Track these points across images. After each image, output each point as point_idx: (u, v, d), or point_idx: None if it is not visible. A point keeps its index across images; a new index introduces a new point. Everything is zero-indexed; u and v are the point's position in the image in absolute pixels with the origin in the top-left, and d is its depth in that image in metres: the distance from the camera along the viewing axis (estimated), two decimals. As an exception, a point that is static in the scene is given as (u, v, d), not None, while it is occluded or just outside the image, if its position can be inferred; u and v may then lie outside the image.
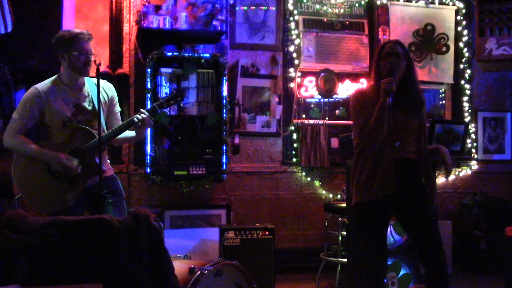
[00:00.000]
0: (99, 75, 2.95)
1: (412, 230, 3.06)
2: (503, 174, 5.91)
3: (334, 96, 5.42)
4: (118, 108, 3.27)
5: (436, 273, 2.95)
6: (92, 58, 3.03)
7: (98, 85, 2.96)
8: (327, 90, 5.32)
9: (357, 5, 5.56)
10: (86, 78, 3.17)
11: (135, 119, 3.05)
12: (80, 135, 3.02)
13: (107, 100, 3.18)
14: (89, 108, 3.12)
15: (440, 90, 5.97)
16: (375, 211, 2.98)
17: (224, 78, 4.77)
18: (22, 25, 4.26)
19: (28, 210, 2.90)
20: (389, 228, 3.85)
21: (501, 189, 5.85)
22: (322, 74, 5.31)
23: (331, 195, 5.40)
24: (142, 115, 3.06)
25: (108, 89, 3.23)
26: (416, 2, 5.68)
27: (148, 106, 4.51)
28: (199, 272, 2.98)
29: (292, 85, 5.33)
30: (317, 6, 5.45)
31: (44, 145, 3.03)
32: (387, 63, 2.95)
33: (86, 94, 3.13)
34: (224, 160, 4.75)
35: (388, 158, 2.93)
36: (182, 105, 4.66)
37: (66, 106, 3.05)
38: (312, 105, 5.47)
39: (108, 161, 3.30)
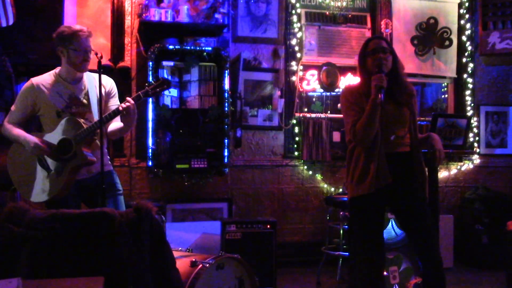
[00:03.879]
0: (101, 68, 2.95)
1: (406, 224, 3.07)
2: (505, 168, 5.90)
3: (336, 90, 5.41)
4: (116, 102, 3.27)
5: (431, 267, 2.95)
6: (91, 55, 3.07)
7: (99, 78, 2.97)
8: (329, 83, 5.30)
9: (359, -2, 5.55)
10: (85, 73, 3.19)
11: (120, 107, 3.05)
12: (69, 125, 3.05)
13: (104, 94, 3.19)
14: (84, 101, 3.14)
15: (443, 84, 5.95)
16: (370, 205, 2.99)
17: (226, 71, 4.76)
18: (24, 18, 4.25)
19: (29, 203, 2.91)
20: (390, 223, 3.87)
21: (503, 183, 5.84)
22: (324, 67, 5.30)
23: (332, 189, 5.40)
24: (126, 103, 3.05)
25: (106, 83, 3.25)
26: (419, -5, 5.66)
27: (150, 99, 4.52)
28: (201, 265, 2.98)
29: (294, 78, 5.32)
30: (320, -1, 5.44)
31: (36, 135, 3.09)
32: (375, 59, 2.97)
33: (83, 87, 3.17)
34: (226, 153, 4.75)
35: (381, 152, 2.93)
36: (169, 92, 4.62)
37: (60, 98, 3.09)
38: (314, 99, 5.46)
39: (107, 156, 3.30)
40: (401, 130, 3.02)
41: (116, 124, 3.22)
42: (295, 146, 5.36)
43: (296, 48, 5.33)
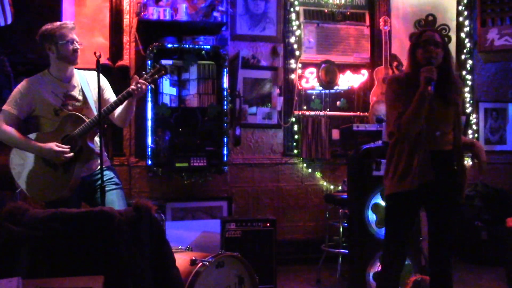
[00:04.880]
0: (99, 67, 2.95)
1: (433, 222, 3.03)
2: (504, 165, 5.91)
3: (335, 88, 5.41)
4: (111, 93, 3.26)
5: (439, 272, 2.97)
6: (79, 46, 3.08)
7: (98, 77, 2.98)
8: (328, 81, 5.30)
9: (358, -5, 5.55)
10: (75, 71, 3.20)
11: (130, 89, 3.05)
12: (70, 122, 3.05)
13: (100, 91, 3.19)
14: (80, 97, 3.15)
15: (442, 81, 5.94)
16: (407, 203, 2.94)
17: (225, 69, 4.76)
18: (22, 17, 4.25)
19: (29, 203, 2.91)
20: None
21: (503, 179, 5.84)
22: (323, 65, 5.30)
23: (332, 187, 5.40)
24: (137, 85, 3.05)
25: (95, 78, 3.22)
26: (418, -8, 5.65)
27: (148, 98, 4.53)
28: (201, 263, 2.98)
29: (293, 76, 5.32)
30: (318, -3, 5.43)
31: (38, 137, 3.07)
32: (425, 51, 2.88)
33: (76, 84, 3.17)
34: (225, 152, 4.75)
35: (425, 149, 2.87)
36: (167, 79, 4.61)
37: (55, 96, 3.09)
38: (313, 97, 5.46)
39: (105, 153, 3.31)
40: (446, 127, 2.95)
41: (118, 109, 3.19)
42: (294, 144, 5.36)
43: (295, 46, 5.32)
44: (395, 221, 3.01)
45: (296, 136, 5.35)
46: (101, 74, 3.26)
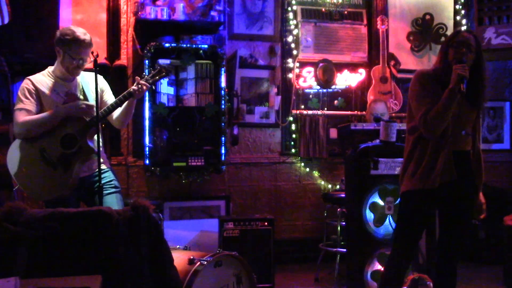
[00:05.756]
0: (97, 67, 2.96)
1: (445, 221, 3.02)
2: (502, 164, 5.92)
3: (333, 87, 5.41)
4: (110, 95, 3.28)
5: (446, 273, 2.97)
6: (86, 64, 3.09)
7: (96, 77, 2.99)
8: (325, 80, 5.31)
9: (355, -6, 5.55)
10: None
11: (132, 89, 3.09)
12: (71, 121, 3.06)
13: (99, 90, 3.20)
14: (81, 97, 3.18)
15: (439, 80, 5.95)
16: (426, 201, 2.92)
17: (223, 69, 4.76)
18: (19, 16, 4.23)
19: (27, 202, 2.90)
20: (387, 218, 3.87)
21: (500, 178, 5.86)
22: (320, 64, 5.30)
23: (330, 186, 5.40)
24: (138, 85, 3.09)
25: (98, 80, 3.24)
26: (415, -9, 5.66)
27: (146, 98, 4.53)
28: (199, 263, 2.98)
29: (290, 75, 5.32)
30: (315, -4, 5.44)
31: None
32: (457, 52, 2.84)
33: (77, 84, 3.20)
34: (223, 151, 4.75)
35: (449, 148, 2.85)
36: (166, 78, 4.61)
37: (57, 95, 3.11)
38: (310, 96, 5.46)
39: (104, 154, 3.31)
40: (469, 128, 2.94)
41: (117, 111, 3.22)
42: (292, 143, 5.36)
43: (292, 45, 5.33)
44: (410, 219, 2.98)
45: (294, 135, 5.35)
46: (102, 77, 3.28)
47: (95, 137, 3.13)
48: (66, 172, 3.03)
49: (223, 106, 4.75)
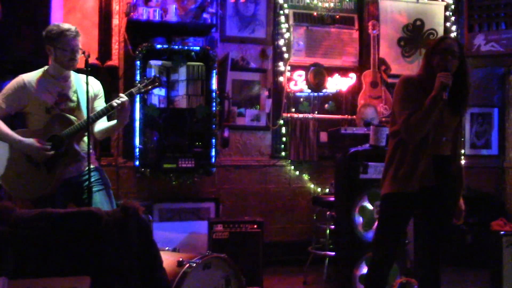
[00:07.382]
0: (88, 67, 2.95)
1: (425, 225, 3.04)
2: (490, 169, 5.97)
3: (324, 90, 5.43)
4: (102, 103, 3.28)
5: (428, 276, 3.01)
6: (79, 54, 3.07)
7: (87, 78, 2.98)
8: (316, 84, 5.33)
9: (347, -1, 5.58)
10: (72, 73, 3.22)
11: (114, 103, 3.08)
12: (58, 122, 3.06)
13: (92, 94, 3.20)
14: (74, 98, 3.17)
15: (429, 85, 6.00)
16: (405, 204, 2.95)
17: (214, 71, 4.76)
18: (10, 15, 4.21)
19: (15, 202, 2.89)
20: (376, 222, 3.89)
21: (488, 184, 5.90)
22: (311, 68, 5.32)
23: (319, 189, 5.42)
24: (121, 99, 3.08)
25: (94, 84, 3.28)
26: (406, -3, 5.71)
27: (137, 99, 4.52)
28: (188, 265, 2.98)
29: (281, 79, 5.34)
30: (307, 0, 5.45)
31: (21, 132, 3.06)
32: (442, 59, 2.85)
33: (71, 85, 3.18)
34: (213, 153, 4.75)
35: (429, 153, 2.89)
36: (159, 90, 4.62)
37: (50, 95, 3.10)
38: (301, 99, 5.48)
39: (92, 152, 3.30)
40: (448, 135, 2.97)
41: (102, 124, 3.24)
42: (283, 146, 5.37)
43: (284, 49, 5.34)
44: (390, 221, 3.02)
45: (284, 139, 5.36)
46: (99, 83, 3.28)
47: (85, 139, 3.12)
48: (49, 173, 3.04)
49: (214, 108, 4.75)
